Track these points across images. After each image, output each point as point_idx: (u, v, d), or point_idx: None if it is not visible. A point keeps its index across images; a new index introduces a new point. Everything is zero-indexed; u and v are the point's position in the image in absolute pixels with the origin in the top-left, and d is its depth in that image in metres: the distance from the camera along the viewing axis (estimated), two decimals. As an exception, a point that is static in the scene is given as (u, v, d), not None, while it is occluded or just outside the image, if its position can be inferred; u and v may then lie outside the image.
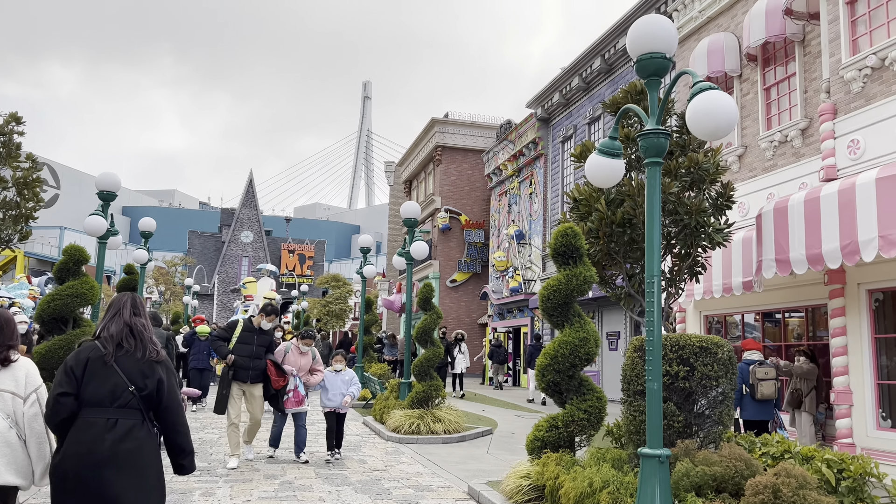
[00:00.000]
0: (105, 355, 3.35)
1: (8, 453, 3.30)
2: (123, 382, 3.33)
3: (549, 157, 25.09)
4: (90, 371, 3.31)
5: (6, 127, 12.72)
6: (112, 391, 3.29)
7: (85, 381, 3.29)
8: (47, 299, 9.80)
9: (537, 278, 25.02)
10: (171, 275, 45.01)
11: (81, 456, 3.19)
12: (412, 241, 12.83)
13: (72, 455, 3.19)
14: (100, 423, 3.24)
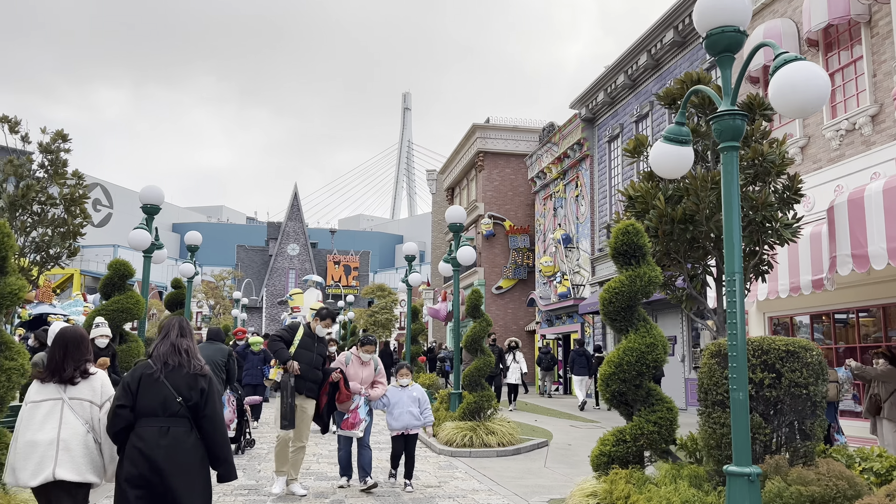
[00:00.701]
0: (154, 372, 3.91)
1: (86, 454, 3.86)
2: (172, 394, 3.86)
3: (596, 158, 24.45)
4: (143, 386, 3.86)
5: (53, 145, 12.74)
6: (163, 402, 3.82)
7: (139, 395, 3.83)
8: (93, 315, 9.71)
9: (586, 283, 24.36)
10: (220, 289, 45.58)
11: (141, 459, 3.70)
12: (458, 247, 12.44)
13: (132, 459, 3.70)
14: (153, 430, 3.77)
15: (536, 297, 28.04)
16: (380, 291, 47.98)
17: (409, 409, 7.75)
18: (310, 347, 7.44)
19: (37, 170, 13.06)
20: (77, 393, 3.94)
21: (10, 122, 12.54)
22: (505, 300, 32.76)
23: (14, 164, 12.54)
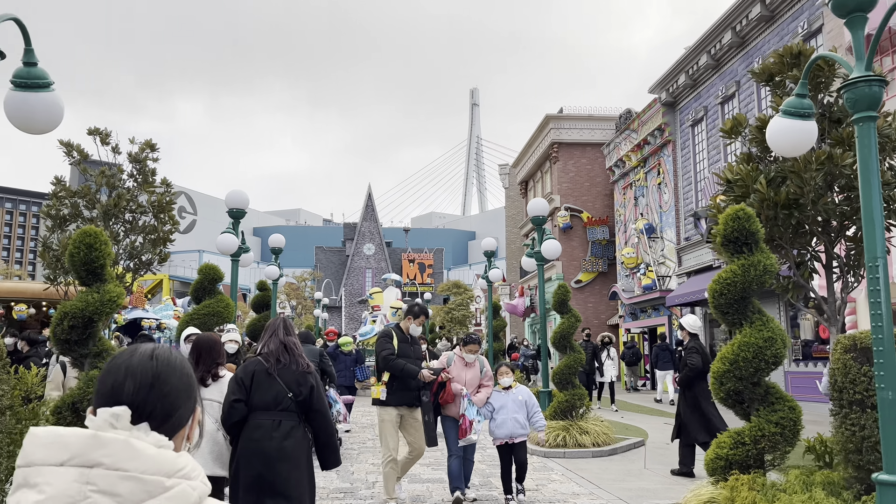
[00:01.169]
0: (268, 368, 4.14)
1: (216, 450, 4.23)
2: (283, 390, 4.09)
3: (678, 144, 23.49)
4: (256, 381, 4.11)
5: (141, 154, 13.11)
6: (275, 397, 4.06)
7: (252, 390, 4.08)
8: (185, 320, 9.86)
9: (672, 274, 23.45)
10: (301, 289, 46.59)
11: (255, 450, 3.95)
12: (542, 240, 12.07)
13: (248, 450, 3.95)
14: (267, 423, 4.02)
15: (619, 290, 27.25)
16: (455, 288, 47.91)
17: (514, 415, 6.73)
18: (408, 353, 6.63)
19: (127, 179, 13.47)
20: (208, 394, 4.36)
21: (100, 133, 12.97)
22: (585, 294, 32.03)
23: (106, 175, 12.97)
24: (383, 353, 6.46)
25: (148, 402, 1.17)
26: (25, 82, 4.14)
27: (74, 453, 1.07)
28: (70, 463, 1.07)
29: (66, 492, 1.04)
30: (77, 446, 1.08)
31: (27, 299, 16.29)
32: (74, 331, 5.57)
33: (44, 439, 1.09)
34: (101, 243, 5.75)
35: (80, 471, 1.06)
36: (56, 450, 1.08)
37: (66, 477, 1.05)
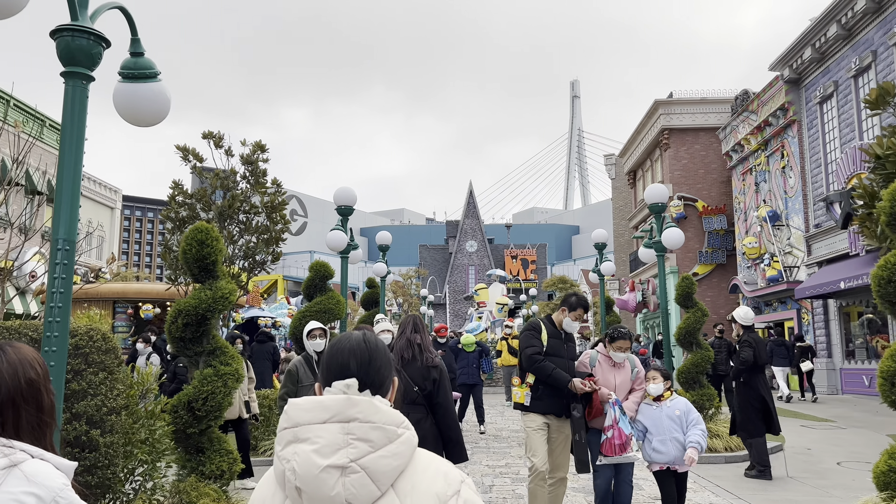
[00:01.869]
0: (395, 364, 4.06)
1: None
2: (410, 384, 4.29)
3: (804, 123, 21.69)
4: None
5: (253, 155, 13.36)
6: (403, 391, 4.25)
7: None
8: (298, 317, 9.87)
9: (801, 264, 21.69)
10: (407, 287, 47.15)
11: None
12: (662, 229, 11.27)
13: None
14: None
15: (740, 283, 25.57)
16: (561, 283, 46.93)
17: (674, 434, 5.21)
18: (559, 351, 5.35)
19: (240, 181, 13.78)
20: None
21: (214, 137, 13.33)
22: (702, 287, 30.28)
23: (220, 177, 13.31)
24: (528, 350, 5.33)
25: (368, 375, 1.53)
26: (133, 73, 4.03)
27: (334, 413, 1.40)
28: (332, 420, 1.40)
29: (334, 441, 1.37)
30: (336, 407, 1.41)
31: (152, 299, 17.13)
32: (188, 328, 5.52)
33: (306, 405, 1.42)
34: (212, 239, 5.68)
35: (341, 425, 1.39)
36: (319, 412, 1.41)
37: (331, 430, 1.38)
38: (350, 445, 1.38)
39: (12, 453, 1.46)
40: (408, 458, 1.44)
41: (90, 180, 34.70)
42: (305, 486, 1.36)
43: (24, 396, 1.53)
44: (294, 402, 1.45)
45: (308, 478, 1.36)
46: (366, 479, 1.37)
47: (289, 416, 1.43)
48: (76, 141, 3.53)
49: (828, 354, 20.15)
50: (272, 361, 14.04)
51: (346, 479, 1.36)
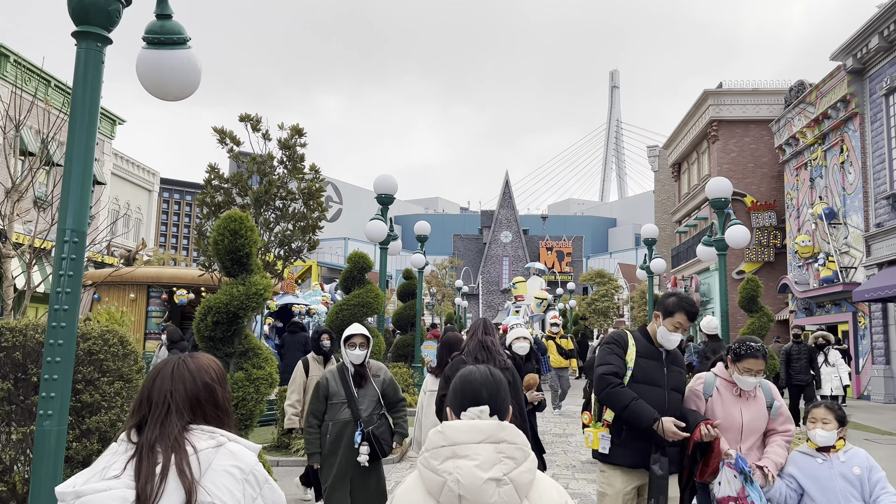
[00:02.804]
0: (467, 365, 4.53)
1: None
2: None
3: (868, 116, 20.48)
4: None
5: (290, 140, 12.89)
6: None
7: None
8: (335, 310, 9.38)
9: (859, 265, 20.56)
10: (442, 277, 46.68)
11: None
12: (724, 226, 10.50)
13: None
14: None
15: (790, 283, 24.46)
16: (599, 278, 45.92)
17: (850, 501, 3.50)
18: (655, 377, 3.78)
19: (277, 166, 13.34)
20: None
21: (251, 120, 12.89)
22: (739, 287, 29.21)
23: (257, 162, 12.87)
24: (601, 368, 3.80)
25: (496, 403, 1.90)
26: (158, 38, 3.49)
27: (488, 435, 1.77)
28: (486, 441, 1.76)
29: (490, 458, 1.72)
30: (489, 431, 1.78)
31: (186, 285, 16.84)
32: (219, 327, 5.01)
33: (462, 427, 1.78)
34: (246, 229, 5.15)
35: (494, 445, 1.75)
36: (475, 433, 1.77)
37: (487, 449, 1.74)
38: (502, 462, 1.71)
39: (217, 437, 1.88)
40: (535, 473, 1.78)
41: (128, 162, 34.82)
42: (469, 495, 1.66)
43: (204, 396, 1.95)
44: (448, 424, 1.80)
45: (472, 488, 1.67)
46: (513, 490, 1.70)
47: (446, 436, 1.77)
48: (88, 114, 2.99)
49: (885, 361, 19.08)
50: (304, 353, 13.63)
51: (500, 489, 1.68)
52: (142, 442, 1.85)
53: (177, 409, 1.90)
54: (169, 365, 1.99)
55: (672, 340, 3.83)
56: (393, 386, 5.19)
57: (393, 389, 5.17)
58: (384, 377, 5.16)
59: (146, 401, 1.93)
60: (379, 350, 9.37)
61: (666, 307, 3.86)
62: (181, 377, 1.95)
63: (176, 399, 1.91)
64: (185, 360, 2.01)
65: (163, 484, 1.77)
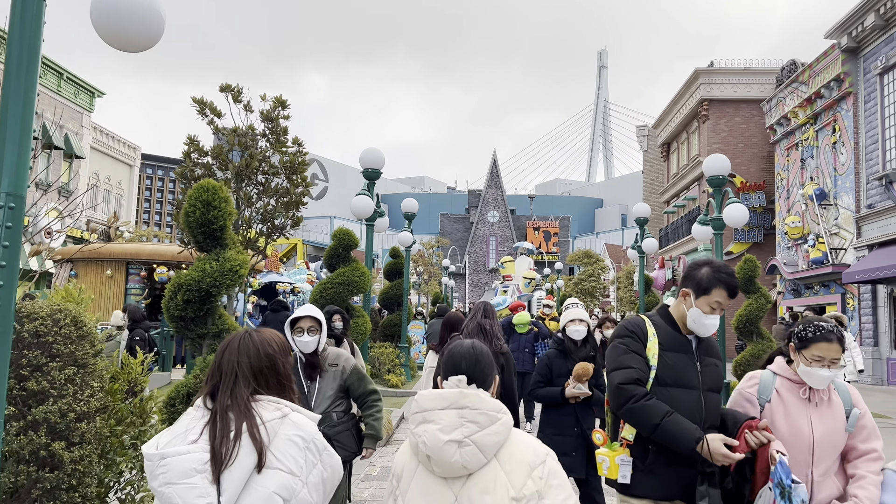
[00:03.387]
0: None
1: None
2: None
3: (861, 96, 20.24)
4: None
5: (273, 112, 12.40)
6: None
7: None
8: (318, 289, 9.00)
9: (849, 246, 20.43)
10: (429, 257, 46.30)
11: None
12: (721, 205, 10.21)
13: None
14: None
15: (779, 263, 24.36)
16: (586, 258, 45.78)
17: None
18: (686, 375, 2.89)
19: (259, 139, 12.85)
20: None
21: (232, 90, 12.38)
22: (735, 267, 29.13)
23: (238, 134, 12.38)
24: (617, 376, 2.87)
25: (474, 373, 2.06)
26: (114, -22, 3.06)
27: (451, 402, 1.94)
28: (449, 407, 1.93)
29: (452, 423, 1.90)
30: (451, 398, 1.95)
31: (166, 262, 16.37)
32: (190, 306, 4.62)
33: (430, 396, 1.97)
34: (220, 200, 4.74)
35: (457, 411, 1.92)
36: (440, 401, 1.95)
37: (450, 414, 1.92)
38: (463, 426, 1.91)
39: (282, 408, 2.10)
40: (506, 436, 1.95)
41: (107, 136, 33.99)
42: (433, 454, 1.91)
43: (267, 366, 2.15)
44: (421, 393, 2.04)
45: (435, 449, 1.90)
46: (475, 450, 1.90)
47: (418, 404, 2.00)
48: (27, 59, 2.58)
49: (874, 342, 19.03)
50: (289, 332, 13.26)
51: (461, 450, 1.89)
52: (216, 408, 2.05)
53: (244, 378, 2.08)
54: (236, 338, 2.18)
55: (708, 326, 2.87)
56: (357, 375, 4.32)
57: (358, 380, 4.30)
58: (344, 366, 4.29)
59: (217, 370, 2.12)
60: (365, 330, 9.01)
61: (699, 282, 2.88)
62: (246, 349, 2.13)
63: (243, 369, 2.09)
64: (250, 333, 2.19)
65: (236, 447, 1.97)
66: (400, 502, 2.00)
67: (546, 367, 5.22)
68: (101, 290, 16.99)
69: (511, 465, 1.91)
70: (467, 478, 1.90)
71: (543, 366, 5.22)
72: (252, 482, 1.96)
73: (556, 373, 5.14)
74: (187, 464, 1.94)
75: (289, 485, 1.99)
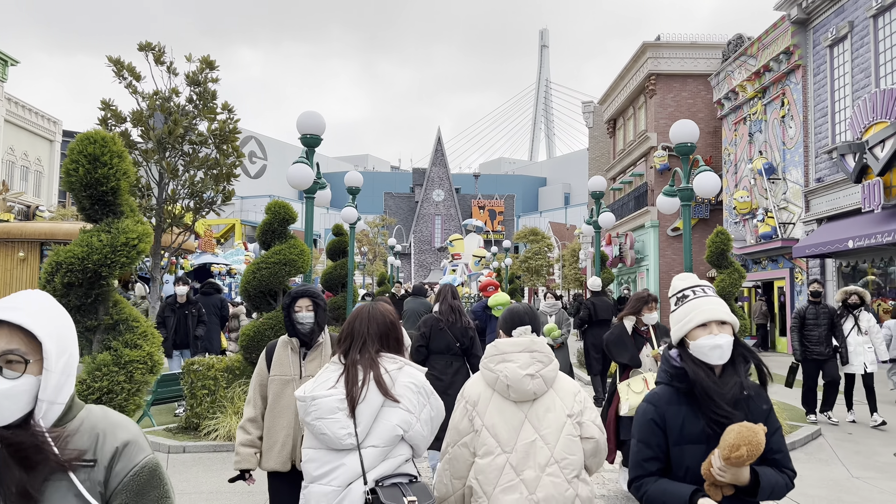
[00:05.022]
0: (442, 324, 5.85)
1: None
2: (453, 340, 5.82)
3: (811, 68, 20.08)
4: (433, 333, 5.83)
5: (200, 75, 11.14)
6: (447, 345, 5.80)
7: (431, 339, 5.83)
8: (251, 269, 7.95)
9: (797, 220, 20.39)
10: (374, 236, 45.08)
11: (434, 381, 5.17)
12: (688, 175, 9.57)
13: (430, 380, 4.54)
14: (442, 362, 5.78)
15: (726, 239, 24.26)
16: (533, 235, 45.37)
17: None
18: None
19: (185, 105, 11.58)
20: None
21: (154, 49, 11.05)
22: (682, 243, 29.10)
23: (161, 97, 11.09)
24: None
25: (534, 324, 2.84)
26: None
27: (524, 347, 2.64)
28: (523, 351, 2.62)
29: (526, 361, 2.59)
30: (524, 344, 2.65)
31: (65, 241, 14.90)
32: (74, 291, 3.60)
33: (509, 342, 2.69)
34: (112, 155, 3.72)
35: (529, 353, 2.62)
36: (516, 346, 2.64)
37: (524, 356, 2.61)
38: (535, 364, 2.61)
39: (398, 362, 2.70)
40: (557, 372, 2.67)
41: (24, 108, 31.49)
42: (512, 384, 2.57)
43: (387, 330, 2.77)
44: (500, 340, 2.72)
45: (515, 380, 2.57)
46: (542, 381, 2.60)
47: (498, 349, 2.67)
48: None
49: (822, 317, 19.02)
50: (220, 317, 12.11)
51: (534, 381, 2.58)
52: (348, 362, 2.68)
53: (371, 339, 2.73)
54: (365, 309, 2.84)
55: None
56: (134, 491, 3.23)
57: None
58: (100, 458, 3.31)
59: (349, 334, 2.76)
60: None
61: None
62: (374, 317, 2.79)
63: (371, 332, 2.74)
64: (374, 305, 2.86)
65: (365, 388, 2.58)
66: (478, 420, 2.61)
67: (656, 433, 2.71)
68: (12, 274, 15.42)
69: (562, 392, 2.64)
70: (533, 402, 2.60)
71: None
72: (380, 416, 2.54)
73: (687, 437, 2.39)
74: (331, 403, 2.53)
75: (407, 419, 2.56)
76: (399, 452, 2.55)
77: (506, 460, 2.51)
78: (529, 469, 2.49)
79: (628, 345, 5.59)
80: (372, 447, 2.49)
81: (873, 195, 15.47)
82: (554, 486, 2.48)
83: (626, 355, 5.54)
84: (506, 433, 2.53)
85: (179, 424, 8.29)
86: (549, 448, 2.51)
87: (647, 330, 5.72)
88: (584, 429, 2.57)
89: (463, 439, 2.60)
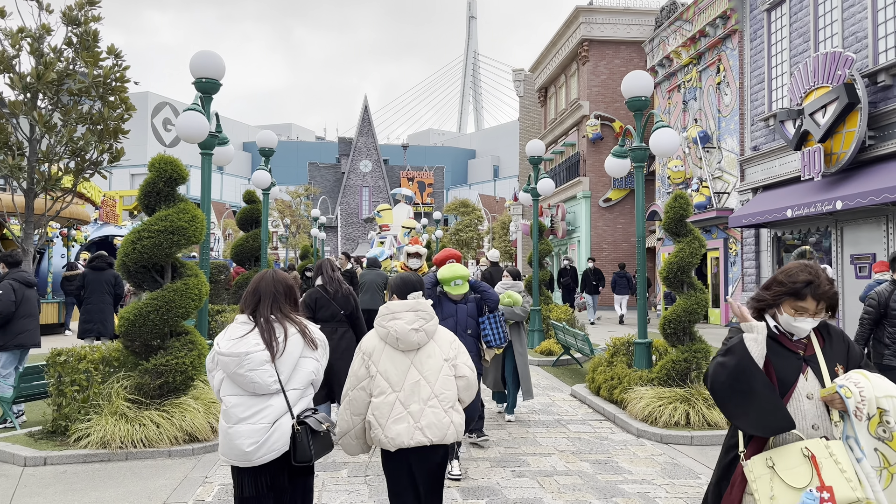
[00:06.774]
0: (325, 296, 6.46)
1: None
2: (337, 309, 6.44)
3: (748, 34, 19.61)
4: (319, 304, 6.40)
5: (79, 12, 9.37)
6: (333, 314, 6.40)
7: (317, 309, 6.36)
8: (130, 239, 6.46)
9: (732, 189, 20.05)
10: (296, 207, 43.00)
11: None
12: (642, 132, 8.60)
13: None
14: (330, 329, 6.15)
15: (659, 209, 23.87)
16: (464, 207, 44.46)
17: None
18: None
19: (63, 47, 9.80)
20: None
21: (16, -24, 9.20)
22: (614, 214, 28.76)
23: (29, 34, 9.27)
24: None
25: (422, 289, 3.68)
26: None
27: (410, 307, 3.44)
28: (409, 310, 3.42)
29: (412, 319, 3.39)
30: (410, 305, 3.45)
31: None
32: None
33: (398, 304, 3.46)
34: None
35: (414, 312, 3.42)
36: (404, 307, 3.43)
37: (410, 315, 3.41)
38: (419, 320, 3.37)
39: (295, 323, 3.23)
40: (437, 325, 3.46)
41: None
42: (401, 337, 3.32)
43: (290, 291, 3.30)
44: (391, 302, 3.50)
45: (402, 333, 3.32)
46: (425, 335, 3.37)
47: (389, 309, 3.41)
48: None
49: (757, 287, 18.82)
50: (114, 295, 10.51)
51: (418, 334, 3.34)
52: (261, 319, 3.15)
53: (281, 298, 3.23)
54: (268, 273, 3.32)
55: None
56: None
57: None
58: None
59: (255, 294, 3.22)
60: (199, 294, 6.62)
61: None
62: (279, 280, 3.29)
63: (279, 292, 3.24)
64: (275, 271, 3.36)
65: (285, 344, 3.10)
66: (373, 367, 3.34)
67: None
68: None
69: (441, 341, 3.47)
70: (417, 350, 3.38)
71: None
72: (298, 366, 3.16)
73: None
74: (261, 356, 3.04)
75: (317, 368, 3.24)
76: (308, 393, 3.20)
77: (396, 398, 3.29)
78: (415, 403, 3.29)
79: (758, 387, 2.38)
80: (293, 390, 3.11)
81: (813, 162, 15.08)
82: (434, 415, 3.29)
83: (755, 413, 2.39)
84: (395, 376, 3.32)
85: (45, 428, 6.80)
86: (430, 386, 3.33)
87: (803, 343, 2.59)
88: (458, 369, 3.45)
89: (361, 384, 3.36)
